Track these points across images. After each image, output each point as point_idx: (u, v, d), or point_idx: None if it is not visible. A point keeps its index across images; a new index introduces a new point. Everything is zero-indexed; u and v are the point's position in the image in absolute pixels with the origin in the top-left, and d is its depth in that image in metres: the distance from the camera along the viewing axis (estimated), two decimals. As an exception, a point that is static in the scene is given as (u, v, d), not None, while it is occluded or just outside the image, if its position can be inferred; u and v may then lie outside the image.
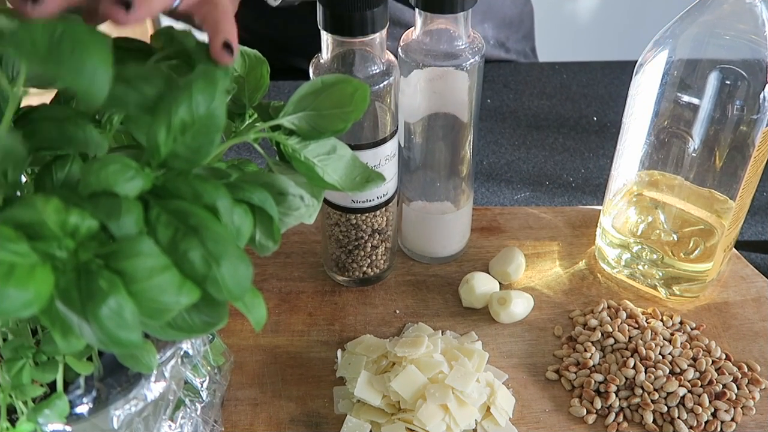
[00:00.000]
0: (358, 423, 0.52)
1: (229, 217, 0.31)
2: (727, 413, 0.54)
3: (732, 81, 0.53)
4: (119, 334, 0.27)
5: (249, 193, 0.33)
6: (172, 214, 0.30)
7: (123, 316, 0.27)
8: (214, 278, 0.29)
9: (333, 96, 0.38)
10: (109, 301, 0.27)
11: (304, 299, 0.63)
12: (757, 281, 0.65)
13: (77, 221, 0.28)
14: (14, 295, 0.26)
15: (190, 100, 0.31)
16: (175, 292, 0.28)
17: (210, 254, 0.29)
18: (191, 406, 0.46)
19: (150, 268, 0.28)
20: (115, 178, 0.29)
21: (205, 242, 0.29)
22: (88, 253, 0.28)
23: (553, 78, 0.94)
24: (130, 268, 0.28)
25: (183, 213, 0.29)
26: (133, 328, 0.27)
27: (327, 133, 0.39)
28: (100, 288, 0.27)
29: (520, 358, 0.59)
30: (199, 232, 0.29)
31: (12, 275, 0.26)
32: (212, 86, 0.31)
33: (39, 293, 0.26)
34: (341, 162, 0.40)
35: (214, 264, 0.29)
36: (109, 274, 0.27)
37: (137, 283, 0.28)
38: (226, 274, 0.29)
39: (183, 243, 0.29)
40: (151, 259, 0.28)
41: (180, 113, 0.31)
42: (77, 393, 0.39)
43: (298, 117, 0.38)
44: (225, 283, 0.29)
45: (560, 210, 0.73)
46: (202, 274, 0.29)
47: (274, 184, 0.37)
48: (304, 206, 0.38)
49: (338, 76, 0.39)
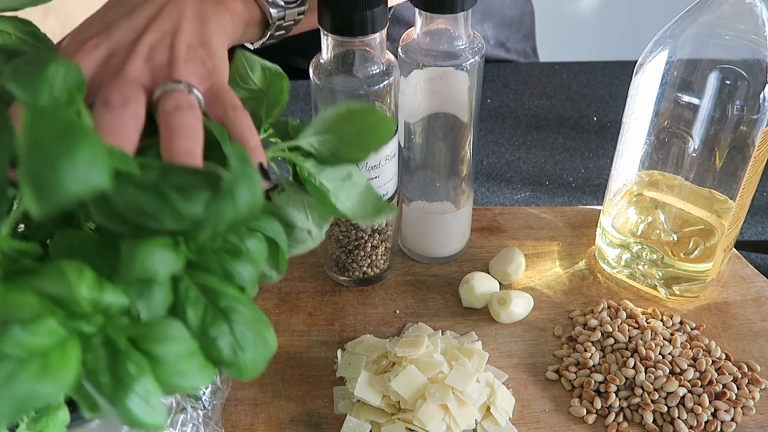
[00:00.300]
0: (358, 423, 0.52)
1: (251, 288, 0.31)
2: (727, 413, 0.54)
3: (732, 81, 0.53)
4: (145, 420, 0.27)
5: (263, 225, 0.33)
6: (201, 289, 0.30)
7: (150, 402, 0.27)
8: (237, 365, 0.30)
9: (356, 123, 0.37)
10: (136, 387, 0.27)
11: (304, 299, 0.63)
12: (757, 281, 0.65)
13: (112, 300, 0.27)
14: (48, 389, 0.25)
15: (235, 205, 0.29)
16: (196, 376, 0.29)
17: (237, 343, 0.30)
18: (193, 412, 0.46)
19: (179, 354, 0.28)
20: (158, 266, 0.28)
21: (234, 329, 0.29)
22: (118, 333, 0.28)
23: (553, 78, 0.94)
24: (160, 352, 0.28)
25: (213, 292, 0.30)
26: (159, 412, 0.27)
27: (344, 160, 0.38)
28: (129, 372, 0.27)
29: (520, 358, 0.59)
30: (228, 317, 0.29)
31: (47, 370, 0.25)
32: (253, 187, 0.29)
33: (69, 379, 0.26)
34: (355, 190, 0.39)
35: (240, 352, 0.30)
36: (138, 357, 0.27)
37: (164, 367, 0.28)
38: (248, 360, 0.30)
39: (212, 329, 0.29)
40: (181, 345, 0.28)
41: (227, 216, 0.29)
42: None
43: (319, 140, 0.38)
44: (246, 368, 0.30)
45: (560, 210, 0.73)
46: (229, 362, 0.30)
47: (283, 216, 0.37)
48: (310, 240, 0.39)
49: (365, 104, 0.38)
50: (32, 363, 0.25)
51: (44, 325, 0.26)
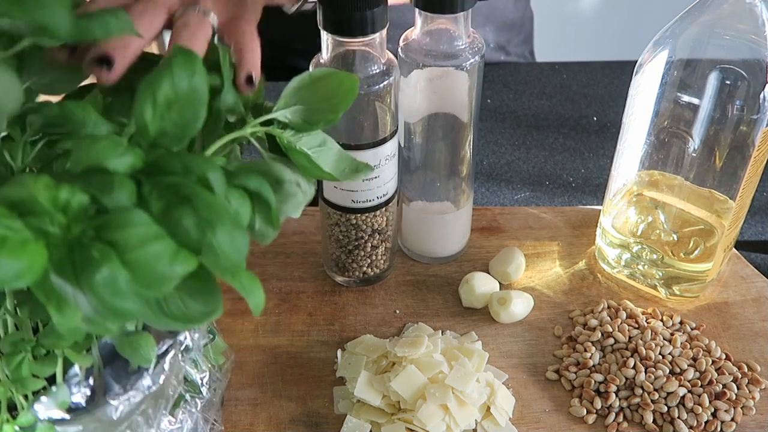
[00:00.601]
0: (358, 423, 0.52)
1: (221, 188, 0.31)
2: (727, 413, 0.54)
3: (732, 81, 0.53)
4: (114, 303, 0.27)
5: (245, 179, 0.33)
6: (164, 188, 0.30)
7: (117, 284, 0.27)
8: (209, 245, 0.29)
9: (320, 89, 0.40)
10: (102, 269, 0.27)
11: (304, 299, 0.63)
12: (757, 281, 0.65)
13: (68, 196, 0.28)
14: (7, 264, 0.26)
15: (172, 78, 0.32)
16: (169, 260, 0.28)
17: (204, 221, 0.29)
18: (191, 402, 0.46)
19: (142, 237, 0.28)
20: (105, 153, 0.29)
21: (198, 210, 0.29)
22: (80, 227, 0.28)
23: (553, 78, 0.94)
24: (122, 238, 0.28)
25: (175, 185, 0.30)
26: (129, 296, 0.27)
27: (319, 125, 0.40)
28: (93, 258, 0.27)
29: (520, 358, 0.59)
30: (191, 201, 0.29)
31: (4, 246, 0.26)
32: (191, 63, 0.33)
33: (32, 264, 0.27)
34: (330, 154, 0.42)
35: (209, 230, 0.29)
36: (101, 245, 0.27)
37: (130, 252, 0.28)
38: (222, 240, 0.29)
39: (176, 212, 0.29)
40: (143, 228, 0.28)
41: (163, 90, 0.32)
42: (75, 381, 0.38)
43: (291, 111, 0.40)
44: (221, 249, 0.29)
45: (560, 210, 0.73)
46: (197, 241, 0.29)
47: (271, 171, 0.38)
48: (301, 192, 0.39)
49: (324, 69, 0.41)
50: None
51: (10, 221, 0.27)
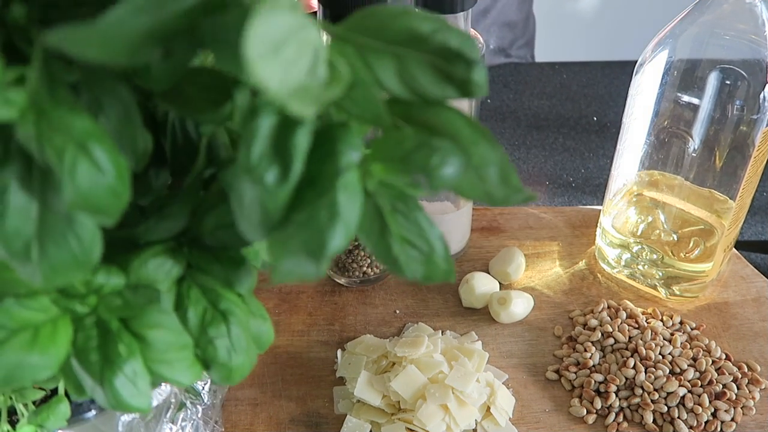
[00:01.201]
0: (358, 423, 0.52)
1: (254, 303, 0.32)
2: (727, 413, 0.54)
3: (732, 81, 0.53)
4: (130, 402, 0.27)
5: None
6: (201, 290, 0.30)
7: (137, 384, 0.27)
8: (229, 367, 0.30)
9: None
10: (125, 367, 0.27)
11: (304, 299, 0.63)
12: (757, 281, 0.65)
13: (104, 281, 0.28)
14: (36, 361, 0.26)
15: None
16: (182, 371, 0.29)
17: (233, 346, 0.30)
18: (192, 408, 0.46)
19: (169, 343, 0.28)
20: (156, 275, 0.29)
21: (231, 332, 0.30)
22: (111, 314, 0.28)
23: (553, 78, 0.94)
24: (151, 338, 0.28)
25: (213, 293, 0.30)
26: (145, 396, 0.28)
27: None
28: (119, 353, 0.27)
29: (520, 358, 0.59)
30: (227, 319, 0.30)
31: (36, 342, 0.25)
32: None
33: (59, 356, 0.26)
34: None
35: (234, 354, 0.30)
36: (129, 339, 0.27)
37: (154, 353, 0.28)
38: (237, 365, 0.30)
39: (212, 329, 0.29)
40: (172, 335, 0.28)
41: None
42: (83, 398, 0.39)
43: None
44: (235, 371, 0.30)
45: (560, 210, 0.73)
46: (221, 363, 0.30)
47: None
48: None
49: None
50: (23, 334, 0.26)
51: (38, 301, 0.26)
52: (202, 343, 0.29)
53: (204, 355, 0.29)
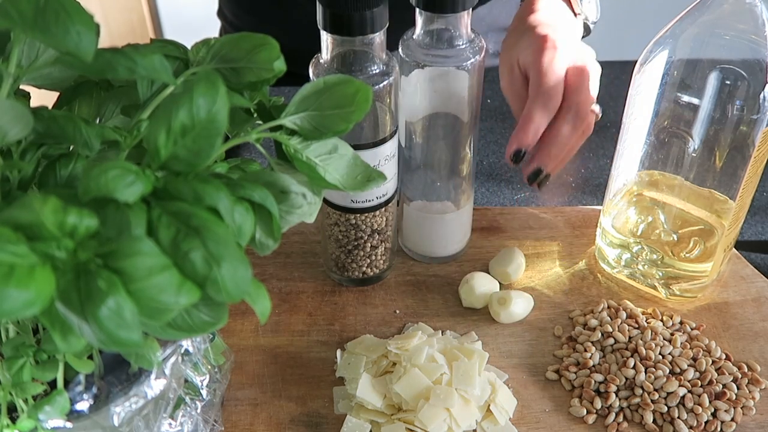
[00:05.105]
0: (358, 423, 0.52)
1: (230, 217, 0.31)
2: (727, 413, 0.54)
3: (732, 81, 0.53)
4: (119, 334, 0.27)
5: (249, 191, 0.33)
6: (173, 215, 0.30)
7: (122, 315, 0.27)
8: (214, 279, 0.29)
9: (335, 96, 0.38)
10: (108, 301, 0.27)
11: (304, 299, 0.63)
12: (757, 281, 0.65)
13: (76, 221, 0.28)
14: (15, 295, 0.26)
15: (191, 104, 0.31)
16: (174, 291, 0.28)
17: (211, 255, 0.29)
18: (191, 404, 0.46)
19: (149, 267, 0.28)
20: (115, 183, 0.29)
21: (207, 243, 0.29)
22: (88, 253, 0.28)
23: (553, 78, 0.94)
24: (129, 268, 0.28)
25: (184, 214, 0.30)
26: (133, 327, 0.27)
27: (329, 134, 0.39)
28: (99, 288, 0.27)
29: (520, 358, 0.59)
30: (200, 233, 0.29)
31: (12, 276, 0.26)
32: (214, 90, 0.31)
33: (40, 293, 0.26)
34: (342, 161, 0.40)
35: (215, 265, 0.29)
36: (107, 274, 0.27)
37: (136, 282, 0.28)
38: (226, 275, 0.29)
39: (185, 243, 0.29)
40: (151, 259, 0.28)
41: (180, 116, 0.31)
42: (78, 390, 0.39)
43: (300, 117, 0.38)
44: (224, 284, 0.29)
45: (560, 210, 0.73)
46: (203, 275, 0.29)
47: (276, 182, 0.37)
48: (306, 204, 0.38)
49: (340, 76, 0.39)
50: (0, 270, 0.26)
51: (16, 246, 0.26)
52: (178, 260, 0.29)
53: (184, 272, 0.29)
